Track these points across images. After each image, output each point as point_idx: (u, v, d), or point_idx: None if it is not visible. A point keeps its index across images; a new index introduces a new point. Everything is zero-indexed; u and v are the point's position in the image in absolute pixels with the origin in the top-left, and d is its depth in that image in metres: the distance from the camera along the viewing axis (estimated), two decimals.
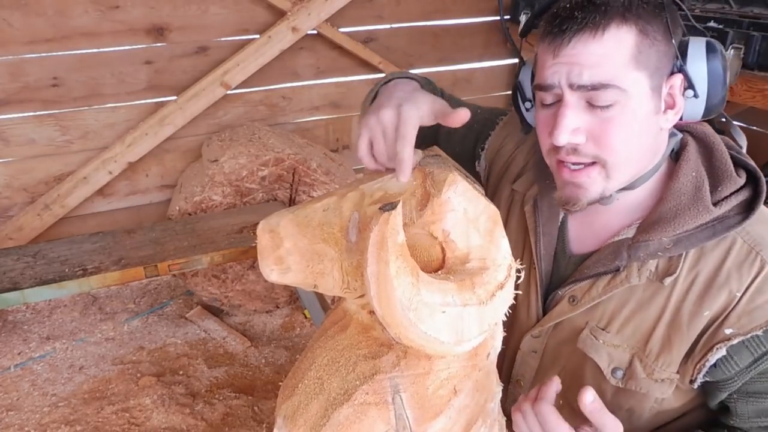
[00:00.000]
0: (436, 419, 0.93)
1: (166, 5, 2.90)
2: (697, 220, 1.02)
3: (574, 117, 0.98)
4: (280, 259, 0.92)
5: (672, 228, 1.03)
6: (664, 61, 0.99)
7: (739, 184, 1.03)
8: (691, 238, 1.02)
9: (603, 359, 1.10)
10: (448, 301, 0.86)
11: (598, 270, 1.09)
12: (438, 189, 0.90)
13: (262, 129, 3.05)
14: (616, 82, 0.95)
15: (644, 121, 0.99)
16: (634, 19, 0.95)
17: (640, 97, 0.97)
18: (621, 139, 0.98)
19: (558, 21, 0.97)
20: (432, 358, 0.93)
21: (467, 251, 0.92)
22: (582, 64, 0.95)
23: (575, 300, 1.12)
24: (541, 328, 1.18)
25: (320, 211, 0.92)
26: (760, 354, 0.99)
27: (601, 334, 1.10)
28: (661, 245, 1.03)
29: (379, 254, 0.79)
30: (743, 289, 1.00)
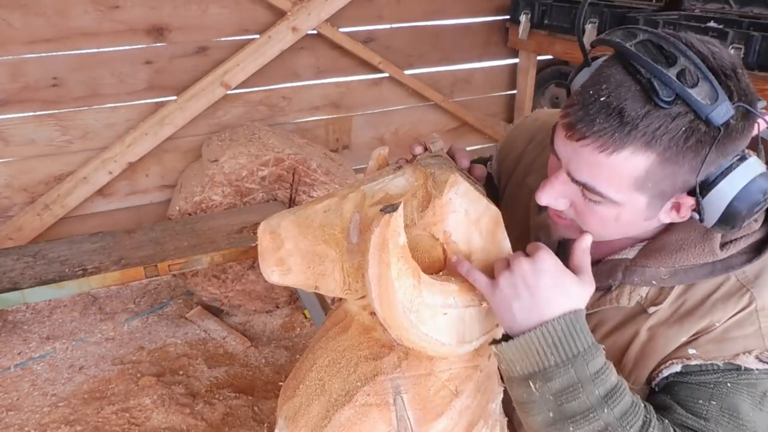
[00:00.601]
0: (437, 420, 0.94)
1: (166, 5, 2.90)
2: (700, 259, 0.98)
3: (563, 188, 0.94)
4: (281, 260, 0.92)
5: (672, 260, 0.99)
6: (678, 184, 0.88)
7: (751, 228, 0.98)
8: (689, 273, 0.99)
9: None
10: (449, 303, 0.86)
11: None
12: (439, 190, 0.90)
13: (262, 129, 3.05)
14: (610, 196, 0.89)
15: (636, 218, 0.94)
16: (662, 148, 0.83)
17: (632, 210, 0.92)
18: (604, 228, 0.96)
19: (578, 107, 0.86)
20: (433, 359, 0.94)
21: (469, 252, 0.92)
22: (583, 162, 0.88)
23: None
24: None
25: (321, 212, 0.92)
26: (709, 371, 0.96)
27: None
28: (657, 274, 1.00)
29: (381, 256, 0.79)
30: (724, 319, 0.96)
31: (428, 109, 3.70)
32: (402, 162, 1.02)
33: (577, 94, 0.88)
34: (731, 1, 2.79)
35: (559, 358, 0.86)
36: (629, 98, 0.82)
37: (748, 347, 0.94)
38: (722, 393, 0.94)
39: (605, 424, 0.87)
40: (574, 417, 0.87)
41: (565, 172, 0.92)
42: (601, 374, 0.88)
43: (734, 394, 0.94)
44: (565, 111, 0.89)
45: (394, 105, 3.61)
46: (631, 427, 0.88)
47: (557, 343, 0.86)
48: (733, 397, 0.94)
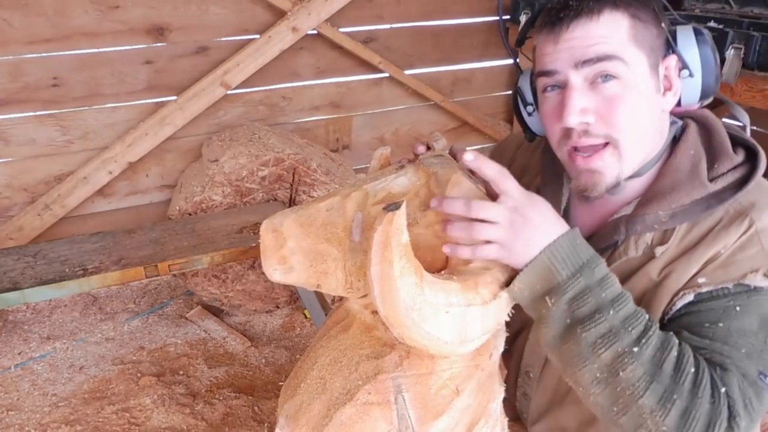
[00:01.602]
0: (438, 419, 0.94)
1: (166, 5, 2.90)
2: (692, 195, 1.04)
3: (581, 97, 1.01)
4: (284, 258, 0.92)
5: (668, 202, 1.05)
6: (658, 44, 1.04)
7: (736, 161, 1.06)
8: (687, 212, 1.05)
9: None
10: (451, 302, 0.86)
11: (598, 247, 1.07)
12: (442, 189, 0.90)
13: (262, 129, 3.05)
14: (620, 54, 1.00)
15: (647, 99, 1.03)
16: (625, 5, 1.01)
17: (641, 73, 1.02)
18: (628, 115, 1.02)
19: (554, 11, 1.02)
20: (435, 358, 0.94)
21: None
22: (584, 45, 1.00)
23: None
24: None
25: (323, 211, 0.92)
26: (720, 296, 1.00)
27: None
28: (657, 218, 1.06)
29: (383, 254, 0.79)
30: (729, 245, 1.01)
31: (428, 109, 3.70)
32: (405, 161, 1.03)
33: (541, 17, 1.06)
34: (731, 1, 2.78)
35: (570, 270, 0.93)
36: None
37: (754, 266, 0.99)
38: (730, 316, 0.98)
39: (609, 326, 0.91)
40: (583, 321, 0.92)
41: (572, 80, 1.02)
42: (607, 280, 0.93)
43: (743, 315, 0.98)
44: (542, 26, 1.05)
45: (394, 105, 3.61)
46: (633, 329, 0.91)
47: (566, 258, 0.93)
48: (741, 319, 0.98)
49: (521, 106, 1.21)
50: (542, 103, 1.10)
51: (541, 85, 1.09)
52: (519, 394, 1.30)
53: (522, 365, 1.27)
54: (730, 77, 2.31)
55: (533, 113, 1.20)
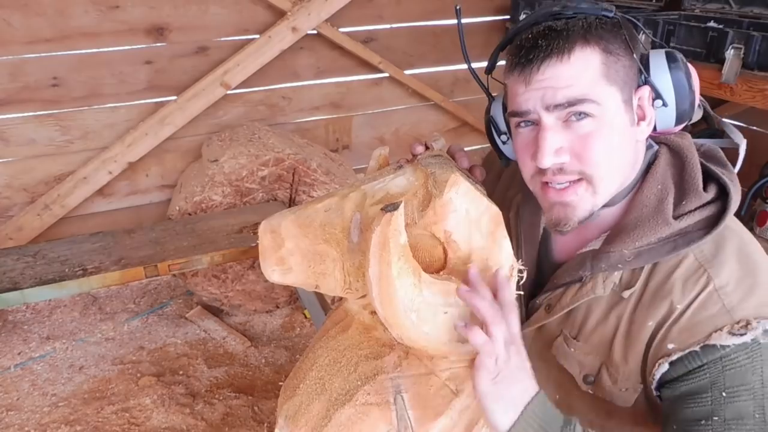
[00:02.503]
0: (437, 420, 0.94)
1: (166, 5, 2.90)
2: (656, 233, 1.03)
3: (555, 137, 1.00)
4: (282, 259, 0.92)
5: (631, 240, 1.04)
6: (630, 75, 1.02)
7: (704, 199, 1.04)
8: (652, 252, 1.03)
9: (573, 366, 1.12)
10: (450, 302, 0.86)
11: (565, 280, 1.11)
12: (440, 189, 0.90)
13: (262, 129, 3.05)
14: (590, 96, 0.98)
15: (621, 133, 1.01)
16: (596, 39, 0.99)
17: (614, 109, 1.00)
18: (602, 151, 1.00)
19: (524, 52, 1.00)
20: (434, 358, 0.94)
21: (469, 252, 0.92)
22: (555, 87, 0.98)
23: (551, 307, 1.13)
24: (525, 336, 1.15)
25: (322, 212, 0.92)
26: (694, 367, 0.98)
27: (572, 342, 1.12)
28: (622, 257, 1.04)
29: (381, 255, 0.79)
30: (686, 303, 0.99)
31: (428, 109, 3.70)
32: (403, 162, 1.03)
33: (511, 54, 1.04)
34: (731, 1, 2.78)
35: None
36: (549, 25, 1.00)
37: (717, 325, 0.97)
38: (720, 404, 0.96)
39: None
40: None
41: (545, 121, 1.00)
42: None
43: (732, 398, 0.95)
44: (512, 69, 1.03)
45: (394, 105, 3.61)
46: None
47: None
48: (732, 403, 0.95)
49: (495, 134, 1.20)
50: (515, 138, 1.09)
51: (514, 122, 1.07)
52: None
53: None
54: (730, 77, 2.31)
55: (507, 141, 1.19)
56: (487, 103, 1.24)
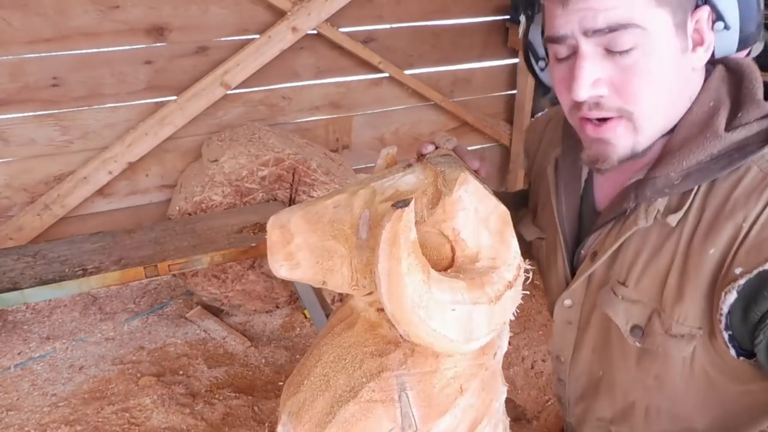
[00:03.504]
0: (441, 418, 0.94)
1: (166, 5, 2.90)
2: (706, 150, 0.91)
3: (593, 67, 0.90)
4: (290, 254, 0.92)
5: (678, 160, 0.93)
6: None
7: (766, 109, 0.92)
8: (703, 171, 0.92)
9: (620, 316, 1.02)
10: (458, 300, 0.86)
11: (608, 218, 1.01)
12: (449, 188, 0.90)
13: (262, 129, 3.05)
14: (636, 21, 0.86)
15: (671, 64, 0.90)
16: None
17: (663, 36, 0.88)
18: (647, 87, 0.89)
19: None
20: (439, 356, 0.94)
21: (477, 250, 0.92)
22: (595, 9, 0.86)
23: (595, 255, 1.04)
24: (573, 295, 1.11)
25: (331, 208, 0.92)
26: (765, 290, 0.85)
27: (620, 288, 1.01)
28: (668, 181, 0.93)
29: (391, 251, 0.79)
30: (752, 219, 0.87)
31: (428, 109, 3.70)
32: (412, 161, 1.03)
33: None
34: None
35: None
36: None
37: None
38: None
39: None
40: None
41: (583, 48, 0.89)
42: None
43: None
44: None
45: (394, 105, 3.61)
46: None
47: None
48: None
49: (533, 60, 1.10)
50: (553, 69, 0.99)
51: (552, 52, 0.97)
52: (555, 378, 1.25)
53: (553, 350, 1.21)
54: None
55: (545, 69, 1.08)
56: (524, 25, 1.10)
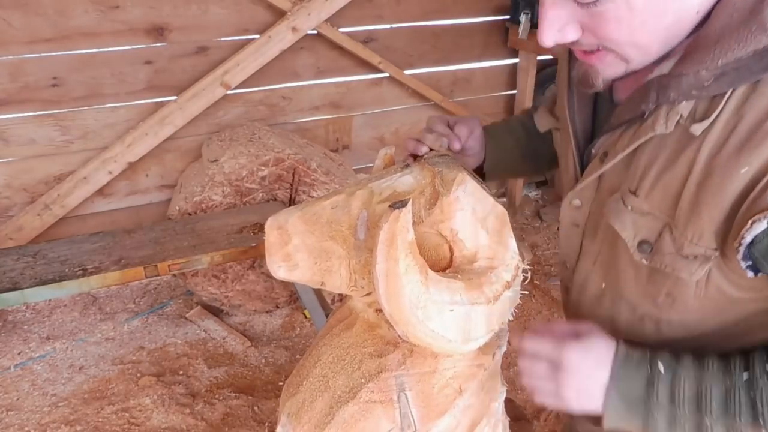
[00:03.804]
0: (440, 418, 0.94)
1: (166, 5, 2.90)
2: (749, 45, 0.75)
3: (557, 14, 0.80)
4: (288, 255, 0.92)
5: (712, 57, 0.77)
6: None
7: None
8: (741, 71, 0.76)
9: (627, 230, 0.91)
10: (456, 300, 0.86)
11: (624, 118, 0.90)
12: (447, 188, 0.90)
13: (262, 129, 3.05)
14: None
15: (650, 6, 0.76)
16: None
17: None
18: (625, 29, 0.78)
19: None
20: (438, 356, 0.94)
21: (475, 250, 0.92)
22: None
23: (606, 155, 0.94)
24: (581, 195, 1.01)
25: (329, 209, 0.92)
26: None
27: (630, 198, 0.90)
28: (698, 81, 0.79)
29: (389, 251, 0.79)
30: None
31: (428, 109, 3.70)
32: (409, 161, 1.03)
33: None
34: None
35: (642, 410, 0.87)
36: None
37: None
38: None
39: None
40: None
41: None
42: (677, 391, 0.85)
43: None
44: None
45: (394, 105, 3.61)
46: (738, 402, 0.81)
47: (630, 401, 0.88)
48: None
49: None
50: None
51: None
52: (562, 287, 1.19)
53: (560, 254, 1.13)
54: None
55: None
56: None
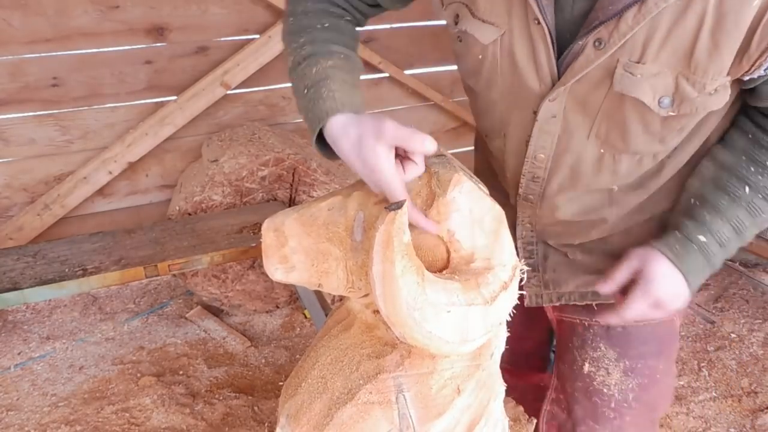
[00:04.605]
0: (439, 418, 0.94)
1: (166, 5, 2.90)
2: None
3: None
4: (285, 257, 0.92)
5: None
6: None
7: None
8: None
9: (647, 93, 0.99)
10: (453, 301, 0.86)
11: (625, 1, 0.93)
12: (443, 189, 0.90)
13: (262, 129, 3.05)
14: None
15: None
16: None
17: None
18: None
19: None
20: (436, 357, 0.94)
21: (472, 251, 0.92)
22: None
23: (602, 43, 0.97)
24: (561, 89, 1.06)
25: (325, 210, 0.92)
26: None
27: (637, 68, 0.98)
28: None
29: (385, 253, 0.79)
30: None
31: (428, 109, 3.70)
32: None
33: None
34: None
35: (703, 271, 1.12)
36: None
37: None
38: None
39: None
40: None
41: None
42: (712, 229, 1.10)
43: None
44: None
45: (394, 105, 3.60)
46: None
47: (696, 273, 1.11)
48: None
49: None
50: None
51: None
52: (525, 180, 1.21)
53: (529, 153, 1.17)
54: None
55: None
56: None
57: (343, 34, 1.15)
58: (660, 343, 1.32)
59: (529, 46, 1.05)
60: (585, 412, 1.35)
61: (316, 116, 0.96)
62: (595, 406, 1.33)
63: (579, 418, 1.36)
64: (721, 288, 3.20)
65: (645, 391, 1.31)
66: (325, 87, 0.99)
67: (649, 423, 1.37)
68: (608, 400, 1.32)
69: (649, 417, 1.36)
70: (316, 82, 1.00)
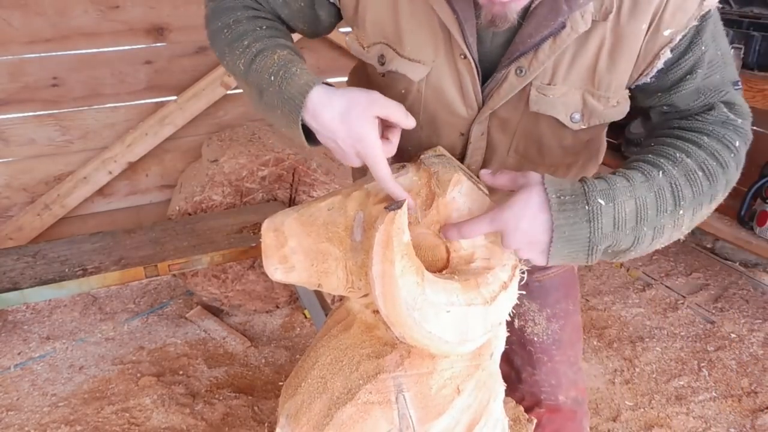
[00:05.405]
0: (439, 418, 0.94)
1: (166, 5, 2.90)
2: None
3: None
4: (285, 257, 0.92)
5: None
6: None
7: None
8: None
9: (560, 111, 1.10)
10: (452, 301, 0.86)
11: (543, 34, 1.02)
12: (443, 189, 0.90)
13: (262, 129, 3.05)
14: None
15: None
16: None
17: None
18: None
19: None
20: (435, 357, 0.94)
21: (472, 251, 0.92)
22: None
23: (523, 71, 1.06)
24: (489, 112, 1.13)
25: (325, 211, 0.92)
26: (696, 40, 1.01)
27: (549, 89, 1.08)
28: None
29: (385, 253, 0.79)
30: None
31: None
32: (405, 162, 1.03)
33: None
34: (731, 1, 2.78)
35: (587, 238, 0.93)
36: None
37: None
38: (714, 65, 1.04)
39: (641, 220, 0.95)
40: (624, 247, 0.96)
41: None
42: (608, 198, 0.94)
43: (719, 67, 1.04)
44: None
45: None
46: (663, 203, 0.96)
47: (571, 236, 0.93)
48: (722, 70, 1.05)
49: None
50: None
51: None
52: None
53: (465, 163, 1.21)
54: None
55: None
56: None
57: (284, 33, 1.20)
58: (567, 286, 1.46)
59: (456, 79, 1.11)
60: (523, 360, 1.47)
61: (295, 94, 0.97)
62: (530, 354, 1.46)
63: (519, 367, 1.48)
64: (721, 288, 3.20)
65: (564, 331, 1.46)
66: (294, 66, 1.02)
67: (574, 358, 1.50)
68: (539, 346, 1.45)
69: (572, 353, 1.50)
70: (282, 66, 1.02)
